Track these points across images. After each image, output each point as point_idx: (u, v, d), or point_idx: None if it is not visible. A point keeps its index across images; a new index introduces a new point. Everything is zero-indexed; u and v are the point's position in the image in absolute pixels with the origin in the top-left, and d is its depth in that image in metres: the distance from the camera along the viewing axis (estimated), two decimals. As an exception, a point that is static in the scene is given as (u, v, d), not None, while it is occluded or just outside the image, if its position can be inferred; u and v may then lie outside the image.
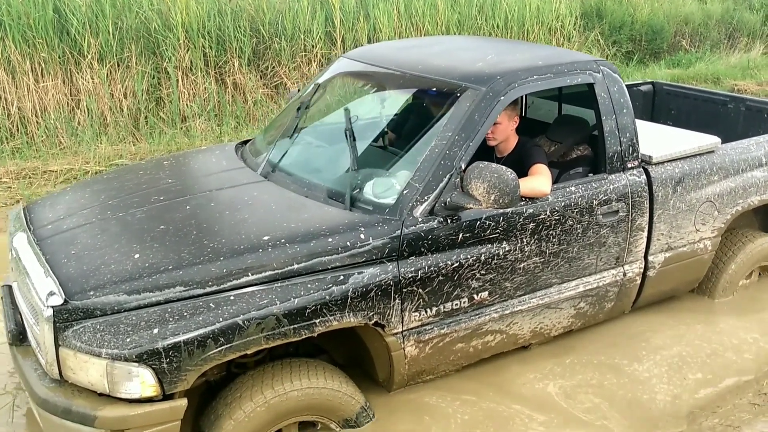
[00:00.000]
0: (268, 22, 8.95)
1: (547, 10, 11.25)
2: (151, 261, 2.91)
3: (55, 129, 7.63)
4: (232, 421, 2.93)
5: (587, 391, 3.77)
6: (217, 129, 8.33)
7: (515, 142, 3.75)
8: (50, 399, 2.77)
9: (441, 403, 3.61)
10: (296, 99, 4.27)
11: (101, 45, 7.92)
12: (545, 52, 4.10)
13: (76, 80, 7.85)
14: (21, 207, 3.55)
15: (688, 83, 10.03)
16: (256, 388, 3.00)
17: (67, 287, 2.80)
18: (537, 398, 3.70)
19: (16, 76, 7.54)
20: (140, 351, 2.63)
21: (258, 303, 2.83)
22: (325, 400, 3.10)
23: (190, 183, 3.64)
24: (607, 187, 3.65)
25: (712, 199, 4.05)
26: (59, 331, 2.71)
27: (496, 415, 3.57)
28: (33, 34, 7.57)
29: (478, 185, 3.06)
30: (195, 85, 8.51)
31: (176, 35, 8.29)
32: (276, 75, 9.10)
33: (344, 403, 3.16)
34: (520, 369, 3.89)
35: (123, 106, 8.06)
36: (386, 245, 3.09)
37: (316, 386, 3.07)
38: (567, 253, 3.57)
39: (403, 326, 3.17)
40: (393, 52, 4.13)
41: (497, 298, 3.43)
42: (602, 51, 11.94)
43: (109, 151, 7.46)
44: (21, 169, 6.97)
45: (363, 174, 3.41)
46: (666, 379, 3.88)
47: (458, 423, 3.49)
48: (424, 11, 10.01)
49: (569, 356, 4.01)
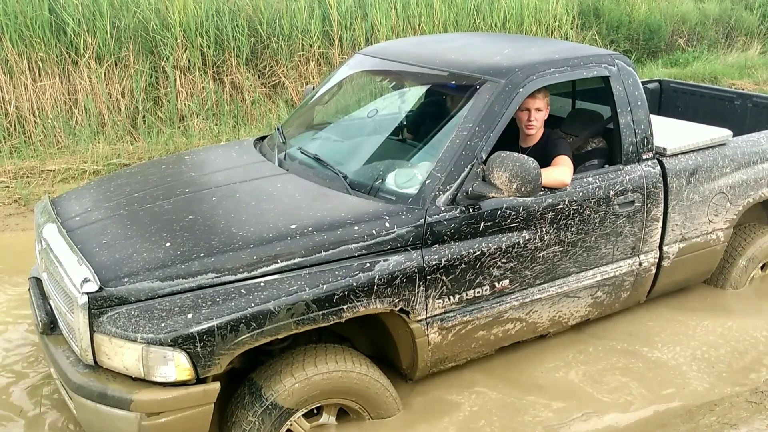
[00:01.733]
0: (265, 22, 9.09)
1: (545, 9, 11.46)
2: (183, 249, 3.05)
3: (52, 128, 7.73)
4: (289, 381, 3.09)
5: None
6: (215, 128, 8.45)
7: (541, 134, 3.93)
8: (85, 384, 2.89)
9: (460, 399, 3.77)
10: (312, 95, 4.42)
11: (99, 44, 8.03)
12: (561, 46, 4.28)
13: (73, 79, 7.96)
14: (47, 200, 3.66)
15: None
16: (308, 360, 3.15)
17: (101, 274, 2.92)
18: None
19: (14, 76, 7.64)
20: (175, 335, 2.76)
21: (288, 289, 2.97)
22: (365, 387, 3.26)
23: (213, 176, 3.78)
24: (623, 177, 3.82)
25: (725, 191, 4.24)
26: (94, 318, 2.83)
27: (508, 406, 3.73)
28: (30, 34, 7.68)
29: (500, 174, 3.21)
30: (193, 84, 8.63)
31: (174, 34, 8.41)
32: (274, 74, 9.24)
33: (371, 387, 3.30)
34: (546, 356, 4.08)
35: (121, 106, 8.17)
36: (410, 233, 3.24)
37: (359, 372, 3.23)
38: (585, 243, 3.74)
39: (427, 313, 3.32)
40: (410, 48, 4.29)
41: (517, 286, 3.59)
42: (600, 50, 12.13)
43: (107, 151, 7.56)
44: (19, 169, 7.07)
45: (385, 165, 3.57)
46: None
47: (467, 414, 3.65)
48: (421, 11, 10.19)
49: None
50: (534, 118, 3.84)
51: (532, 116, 3.83)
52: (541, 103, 3.83)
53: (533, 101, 3.79)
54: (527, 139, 3.95)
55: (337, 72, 4.37)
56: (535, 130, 3.89)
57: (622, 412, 3.72)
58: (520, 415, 3.67)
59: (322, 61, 9.51)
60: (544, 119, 3.90)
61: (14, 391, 3.79)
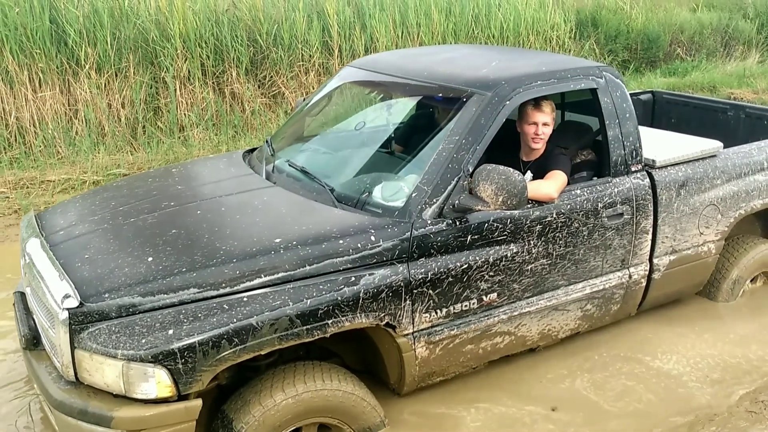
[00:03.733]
0: (265, 32, 9.05)
1: (542, 19, 11.40)
2: (165, 264, 2.98)
3: (53, 139, 7.69)
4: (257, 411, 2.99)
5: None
6: (215, 138, 8.41)
7: (544, 148, 3.85)
8: (66, 401, 2.82)
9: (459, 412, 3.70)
10: (303, 107, 4.36)
11: (99, 55, 8.00)
12: (549, 58, 4.21)
13: (73, 90, 7.92)
14: (32, 214, 3.61)
15: (684, 91, 10.16)
16: (276, 385, 3.06)
17: (81, 290, 2.86)
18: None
19: (14, 87, 7.60)
20: (156, 351, 2.70)
21: (271, 304, 2.90)
22: (339, 402, 3.16)
23: (199, 189, 3.71)
24: (612, 189, 3.75)
25: (716, 203, 4.15)
26: (75, 334, 2.77)
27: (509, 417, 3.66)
28: (30, 45, 7.64)
29: (486, 187, 3.15)
30: (193, 94, 8.59)
31: (174, 45, 8.37)
32: (274, 84, 9.20)
33: (357, 405, 3.21)
34: (551, 365, 4.04)
35: (121, 116, 8.13)
36: (396, 247, 3.16)
37: (331, 388, 3.13)
38: (573, 255, 3.67)
39: (413, 327, 3.25)
40: (398, 60, 4.24)
41: (506, 299, 3.52)
42: (598, 59, 12.08)
43: (107, 161, 7.53)
44: (19, 179, 7.03)
45: (371, 178, 3.50)
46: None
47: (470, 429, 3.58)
48: (419, 22, 10.13)
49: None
50: (542, 132, 3.77)
51: (540, 130, 3.76)
52: (548, 118, 3.76)
53: (541, 115, 3.73)
54: (530, 153, 3.87)
55: (328, 84, 4.31)
56: (541, 144, 3.82)
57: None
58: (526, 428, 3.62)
59: (322, 72, 9.46)
60: (549, 134, 3.82)
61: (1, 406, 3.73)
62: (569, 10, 12.03)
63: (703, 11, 14.38)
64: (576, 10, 12.36)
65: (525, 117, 3.78)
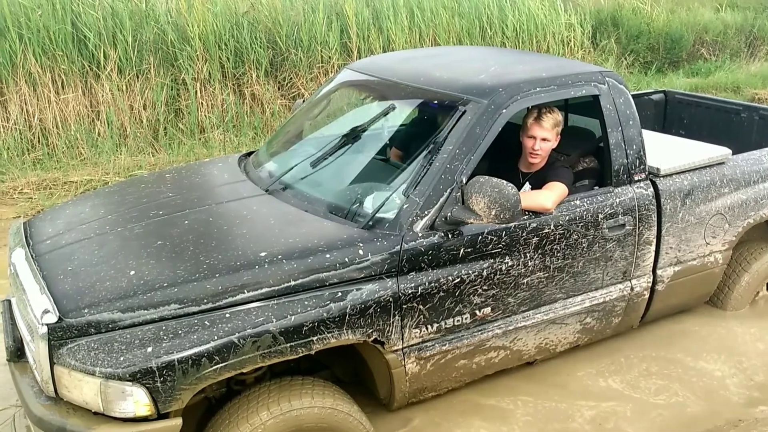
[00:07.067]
0: (284, 34, 8.87)
1: (558, 21, 11.04)
2: (147, 278, 2.82)
3: (75, 140, 7.60)
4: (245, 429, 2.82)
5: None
6: (235, 140, 8.26)
7: (546, 160, 3.62)
8: (45, 417, 2.68)
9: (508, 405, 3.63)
10: (300, 110, 4.17)
11: (120, 57, 7.89)
12: (550, 63, 3.96)
13: (95, 92, 7.82)
14: (21, 222, 3.47)
15: (707, 92, 9.79)
16: (262, 403, 2.87)
17: (61, 304, 2.71)
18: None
19: (37, 88, 7.52)
20: (134, 370, 2.54)
21: (254, 320, 2.72)
22: (328, 419, 2.96)
23: (190, 196, 3.53)
24: (613, 200, 3.50)
25: (723, 212, 3.87)
26: (54, 349, 2.63)
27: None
28: (53, 47, 7.56)
29: (478, 200, 2.94)
30: (213, 96, 8.45)
31: (194, 47, 8.24)
32: (293, 86, 9.01)
33: (344, 422, 3.01)
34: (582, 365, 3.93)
35: (142, 118, 8.02)
36: (385, 261, 2.97)
37: (320, 405, 2.93)
38: (572, 268, 3.43)
39: (403, 343, 3.05)
40: (396, 63, 4.02)
41: (500, 313, 3.29)
42: (618, 60, 11.72)
43: (128, 162, 7.43)
44: (42, 180, 6.95)
45: (363, 188, 3.30)
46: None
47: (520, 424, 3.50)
48: (428, 23, 9.86)
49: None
50: (539, 148, 3.53)
51: (537, 145, 3.52)
52: (549, 134, 3.51)
53: (540, 130, 3.49)
54: (530, 165, 3.64)
55: (326, 86, 4.11)
56: (538, 159, 3.57)
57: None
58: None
59: (341, 73, 9.26)
60: (549, 150, 3.58)
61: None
62: (587, 11, 11.65)
63: (728, 11, 13.87)
64: (595, 10, 11.98)
65: (525, 128, 3.55)
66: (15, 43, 7.39)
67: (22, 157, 7.38)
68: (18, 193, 6.73)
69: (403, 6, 9.62)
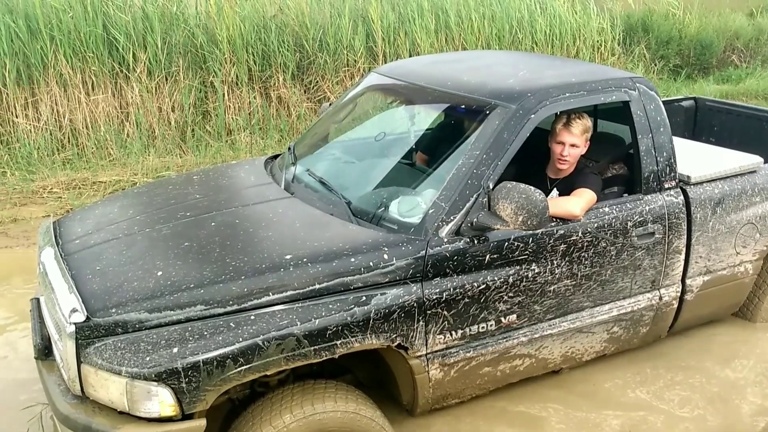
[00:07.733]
0: (311, 38, 8.90)
1: (589, 25, 10.94)
2: (173, 279, 2.83)
3: (104, 141, 7.69)
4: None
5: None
6: (261, 142, 8.30)
7: (575, 166, 3.58)
8: (71, 415, 2.69)
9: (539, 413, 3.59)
10: (327, 113, 4.16)
11: (150, 59, 7.96)
12: (580, 68, 3.91)
13: (125, 93, 7.91)
14: (50, 221, 3.50)
15: (738, 99, 9.62)
16: (285, 406, 2.86)
17: (89, 304, 2.72)
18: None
19: (68, 89, 7.62)
20: (159, 370, 2.55)
21: (278, 323, 2.71)
22: (350, 424, 2.94)
23: (217, 198, 3.54)
24: (643, 208, 3.44)
25: (754, 221, 3.80)
26: (81, 348, 2.64)
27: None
28: (83, 49, 7.65)
29: (505, 206, 2.90)
30: (240, 99, 8.50)
31: (222, 50, 8.29)
32: (320, 89, 9.04)
33: (367, 427, 2.99)
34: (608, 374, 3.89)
35: (170, 119, 8.09)
36: (410, 266, 2.94)
37: (343, 410, 2.90)
38: (600, 276, 3.38)
39: (427, 349, 3.02)
40: (423, 67, 3.99)
41: (526, 321, 3.26)
42: (648, 66, 11.58)
43: (156, 163, 7.49)
44: (71, 180, 7.04)
45: (389, 192, 3.28)
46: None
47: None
48: (456, 27, 9.82)
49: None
50: (568, 154, 3.49)
51: (566, 151, 3.48)
52: (578, 140, 3.47)
53: (569, 136, 3.45)
54: (558, 171, 3.60)
55: (353, 90, 4.10)
56: (566, 165, 3.53)
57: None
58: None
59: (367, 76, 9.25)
60: (578, 156, 3.53)
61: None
62: (617, 16, 11.52)
63: (763, 16, 13.62)
64: (626, 15, 11.85)
65: (554, 134, 3.51)
66: (46, 45, 7.50)
67: (52, 156, 7.48)
68: (48, 192, 6.82)
69: (429, 10, 9.58)
